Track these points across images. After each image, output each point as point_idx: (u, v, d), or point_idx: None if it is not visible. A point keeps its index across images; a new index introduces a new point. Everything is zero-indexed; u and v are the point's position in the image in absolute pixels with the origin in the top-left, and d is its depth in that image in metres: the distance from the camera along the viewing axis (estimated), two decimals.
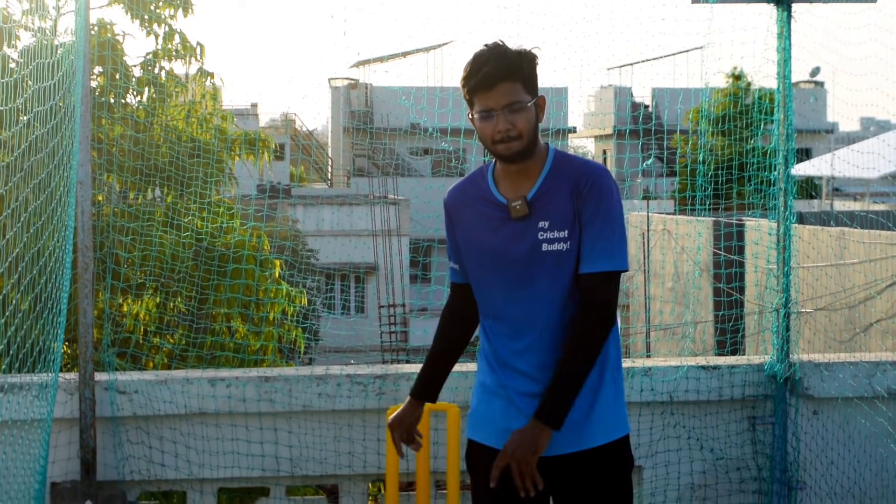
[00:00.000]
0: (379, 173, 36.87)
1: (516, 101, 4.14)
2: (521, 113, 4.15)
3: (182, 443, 6.53)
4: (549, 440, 4.15)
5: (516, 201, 4.25)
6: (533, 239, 4.23)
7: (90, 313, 6.38)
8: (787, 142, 6.93)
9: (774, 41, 6.99)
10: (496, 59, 4.13)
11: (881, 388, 6.75)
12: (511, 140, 4.16)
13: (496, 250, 4.30)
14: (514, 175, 4.29)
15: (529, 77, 4.19)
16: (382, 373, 6.67)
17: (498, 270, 4.31)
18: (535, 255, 4.24)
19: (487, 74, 4.12)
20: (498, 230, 4.30)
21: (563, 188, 4.24)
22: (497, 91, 4.13)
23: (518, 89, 4.15)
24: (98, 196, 9.88)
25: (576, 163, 4.31)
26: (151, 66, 11.63)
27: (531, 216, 4.24)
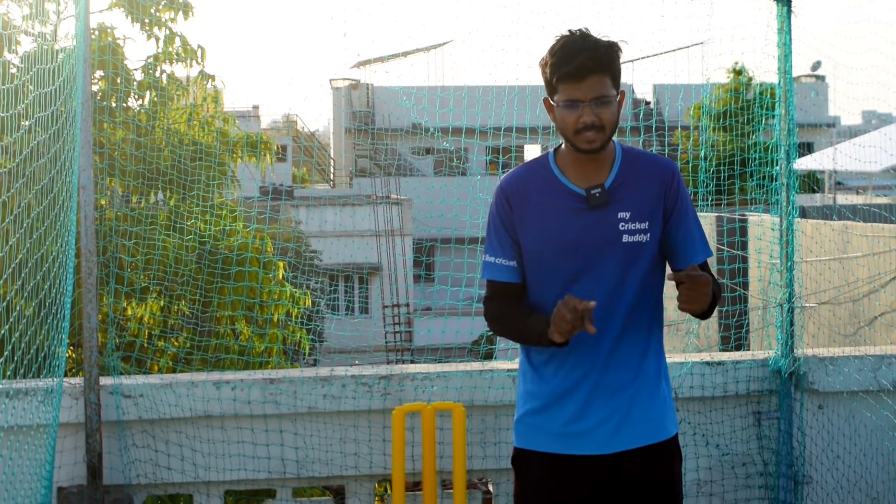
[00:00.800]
0: (381, 173, 36.88)
1: (605, 94, 4.07)
2: (607, 106, 4.08)
3: (188, 446, 6.53)
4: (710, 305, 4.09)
5: (595, 190, 4.17)
6: (612, 229, 4.17)
7: (94, 317, 6.38)
8: (789, 136, 6.93)
9: (775, 36, 6.99)
10: (590, 51, 4.05)
11: (886, 382, 6.75)
12: (595, 131, 4.07)
13: (570, 241, 4.18)
14: (586, 164, 4.21)
15: (617, 71, 4.14)
16: (387, 373, 6.67)
17: (569, 262, 4.19)
18: (612, 245, 4.17)
19: (581, 65, 4.04)
20: (570, 220, 4.19)
21: (646, 181, 4.21)
22: (587, 83, 4.05)
23: (607, 83, 4.08)
24: (101, 200, 9.89)
25: (649, 156, 4.30)
26: (152, 69, 11.63)
27: (609, 205, 4.17)
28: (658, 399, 4.28)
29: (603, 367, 4.22)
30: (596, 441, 4.23)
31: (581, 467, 4.24)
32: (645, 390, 4.25)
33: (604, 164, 4.21)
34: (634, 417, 4.23)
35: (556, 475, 4.27)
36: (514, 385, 6.61)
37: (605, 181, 4.19)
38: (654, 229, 4.19)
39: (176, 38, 11.78)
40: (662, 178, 4.23)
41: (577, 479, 4.25)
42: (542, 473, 4.30)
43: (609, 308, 4.17)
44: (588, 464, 4.23)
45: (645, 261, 4.21)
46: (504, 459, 6.66)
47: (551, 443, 4.27)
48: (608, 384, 4.22)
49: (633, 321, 4.22)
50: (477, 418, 6.63)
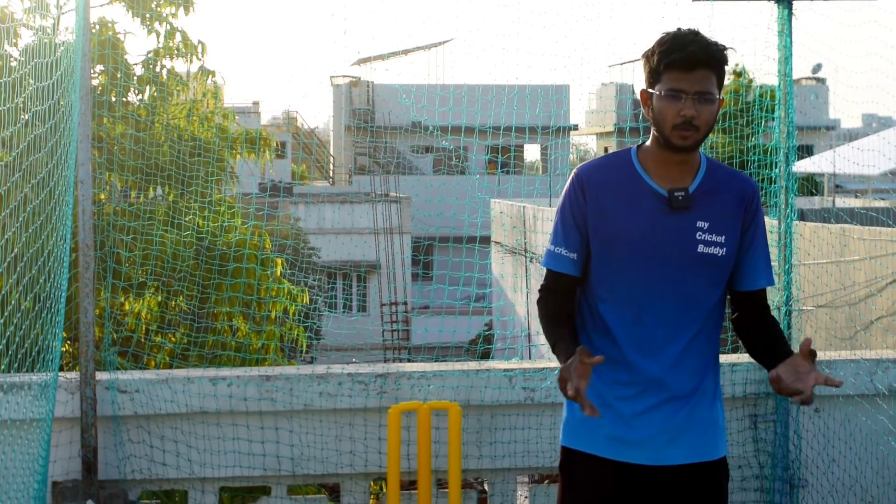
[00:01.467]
0: (380, 171, 36.88)
1: (710, 91, 3.93)
2: (709, 105, 3.93)
3: (183, 442, 6.52)
4: None
5: (679, 192, 4.02)
6: (690, 236, 4.03)
7: (91, 312, 6.37)
8: (788, 139, 6.93)
9: (775, 39, 6.98)
10: (703, 44, 3.93)
11: (882, 386, 6.74)
12: (691, 129, 3.92)
13: (646, 240, 4.03)
14: (671, 166, 4.05)
15: (723, 74, 4.00)
16: (384, 371, 6.66)
17: (642, 262, 4.04)
18: (687, 253, 4.04)
19: (693, 54, 3.91)
20: (649, 219, 4.04)
21: (728, 194, 4.08)
22: (694, 75, 3.91)
23: (713, 81, 3.94)
24: (100, 195, 9.88)
25: (732, 170, 4.17)
26: (153, 64, 11.61)
27: (690, 211, 4.03)
28: (713, 417, 4.17)
29: (665, 376, 4.07)
30: (649, 451, 4.09)
31: (631, 476, 4.11)
32: (703, 406, 4.13)
33: (689, 169, 4.07)
34: (691, 432, 4.11)
35: (605, 481, 4.13)
36: (511, 385, 6.61)
37: (690, 186, 4.05)
38: (729, 245, 4.06)
39: (176, 33, 11.76)
40: (743, 195, 4.10)
41: (626, 489, 4.12)
42: (589, 477, 4.16)
43: (677, 317, 4.06)
44: (639, 473, 4.11)
45: (717, 275, 4.08)
46: (499, 459, 6.66)
47: (603, 446, 4.13)
48: (669, 394, 4.08)
49: (699, 335, 4.10)
50: (473, 418, 6.63)
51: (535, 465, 6.76)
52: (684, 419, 4.09)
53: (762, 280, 4.14)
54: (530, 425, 6.67)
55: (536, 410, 6.66)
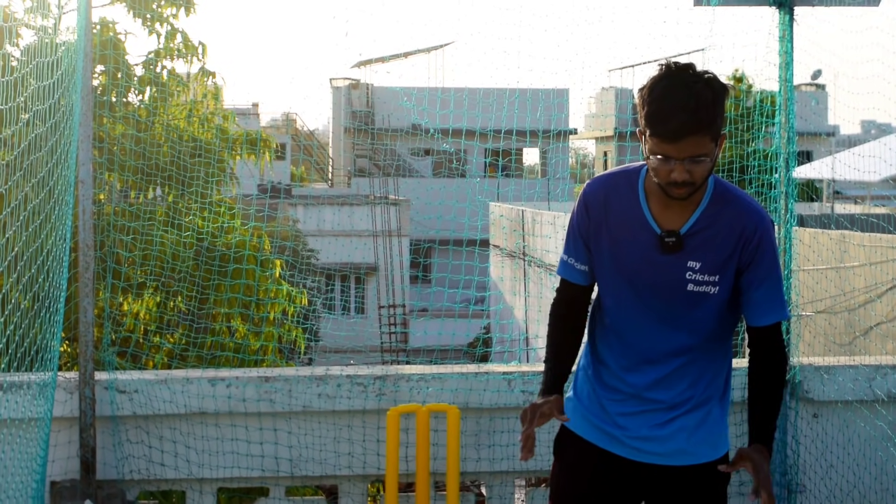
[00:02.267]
0: (380, 174, 36.87)
1: (700, 154, 3.82)
2: (701, 164, 3.85)
3: (182, 442, 6.52)
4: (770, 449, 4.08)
5: (670, 237, 4.03)
6: (679, 276, 4.05)
7: (90, 312, 6.37)
8: (788, 145, 6.93)
9: (776, 44, 6.98)
10: (690, 112, 3.78)
11: (881, 392, 6.74)
12: (685, 186, 3.88)
13: (636, 274, 4.10)
14: (671, 202, 4.02)
15: (718, 124, 3.87)
16: (382, 374, 6.66)
17: (632, 291, 4.12)
18: (677, 291, 4.06)
19: (678, 129, 3.79)
20: (641, 255, 4.08)
21: (724, 230, 4.03)
22: (683, 143, 3.81)
23: (705, 142, 3.82)
24: (100, 195, 9.88)
25: (739, 201, 4.07)
26: (153, 65, 11.62)
27: (682, 251, 4.03)
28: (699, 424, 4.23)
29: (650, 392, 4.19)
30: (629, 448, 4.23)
31: (613, 465, 4.25)
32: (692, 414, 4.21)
33: (688, 206, 4.04)
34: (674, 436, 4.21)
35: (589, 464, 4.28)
36: (509, 388, 6.62)
37: (683, 226, 4.03)
38: (724, 282, 4.05)
39: (177, 34, 11.77)
40: (742, 233, 4.04)
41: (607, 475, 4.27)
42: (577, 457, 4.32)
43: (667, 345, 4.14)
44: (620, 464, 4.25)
45: (709, 310, 4.10)
46: (498, 462, 6.66)
47: (591, 433, 4.28)
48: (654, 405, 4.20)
49: (694, 356, 4.16)
50: (471, 420, 6.63)
51: (534, 469, 6.76)
52: (666, 424, 4.20)
53: (766, 317, 4.11)
54: None
55: None
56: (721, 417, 4.29)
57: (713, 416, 4.25)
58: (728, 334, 4.24)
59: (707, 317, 4.10)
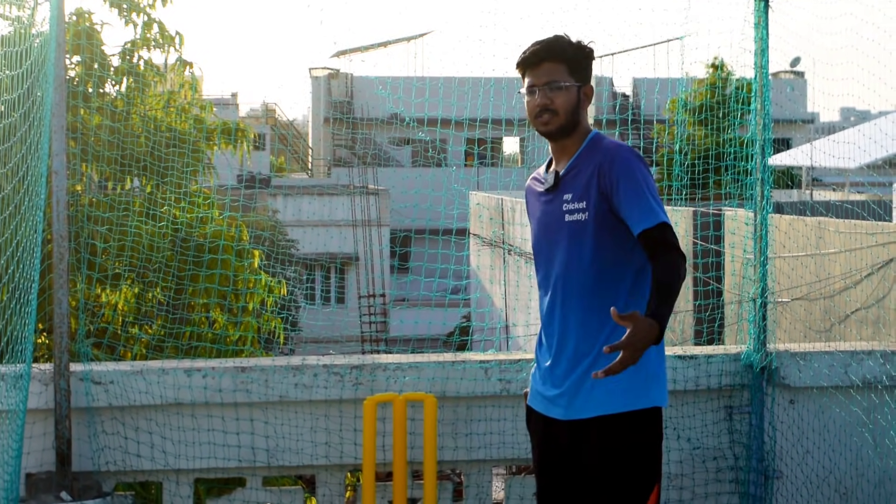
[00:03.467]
0: (358, 162, 36.84)
1: (556, 80, 4.51)
2: (559, 91, 4.51)
3: (158, 433, 6.51)
4: (656, 340, 4.13)
5: (550, 175, 4.64)
6: (559, 209, 4.57)
7: (65, 303, 6.35)
8: (764, 132, 6.93)
9: (751, 31, 6.99)
10: (546, 43, 4.55)
11: (856, 378, 6.76)
12: (548, 114, 4.52)
13: (536, 220, 4.73)
14: (557, 153, 4.64)
15: (576, 63, 4.57)
16: (359, 363, 6.66)
17: (539, 238, 4.70)
18: (559, 224, 4.56)
19: (533, 52, 4.53)
20: (538, 203, 4.72)
21: (588, 167, 4.52)
22: (540, 69, 4.52)
23: (561, 70, 4.53)
24: (76, 186, 9.84)
25: (606, 144, 4.58)
26: (130, 55, 11.56)
27: (558, 189, 4.59)
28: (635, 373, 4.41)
29: (565, 338, 4.56)
30: (560, 407, 4.56)
31: (554, 429, 4.60)
32: (603, 361, 4.35)
33: (568, 153, 4.62)
34: (587, 389, 4.47)
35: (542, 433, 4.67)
36: (486, 377, 6.62)
37: (563, 168, 4.61)
38: (591, 208, 4.48)
39: (154, 25, 11.70)
40: (600, 162, 4.49)
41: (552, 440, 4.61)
42: (532, 429, 4.75)
43: (566, 281, 4.56)
44: (557, 427, 4.58)
45: (589, 236, 4.50)
46: (475, 451, 6.66)
47: (536, 402, 4.70)
48: (570, 354, 4.54)
49: (594, 294, 4.51)
50: (449, 409, 6.63)
51: (511, 457, 6.77)
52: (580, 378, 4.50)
53: (640, 224, 4.39)
54: (506, 417, 6.67)
55: (512, 402, 6.66)
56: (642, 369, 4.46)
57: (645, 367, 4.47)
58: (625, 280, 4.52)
59: (591, 247, 4.49)
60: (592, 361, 4.46)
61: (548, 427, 4.63)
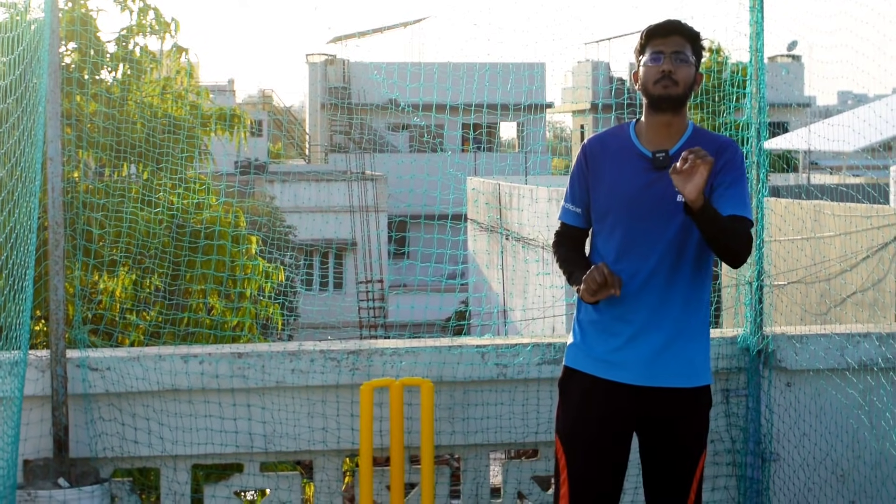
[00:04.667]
0: (355, 148, 36.82)
1: (684, 51, 4.75)
2: (685, 64, 4.73)
3: (155, 419, 6.51)
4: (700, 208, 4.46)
5: (660, 153, 4.75)
6: (669, 189, 4.63)
7: (62, 290, 6.34)
8: (760, 115, 6.93)
9: (747, 14, 6.97)
10: (677, 21, 4.80)
11: (853, 361, 6.77)
12: (670, 82, 4.71)
13: (632, 195, 4.76)
14: (659, 130, 4.81)
15: (698, 46, 4.82)
16: (356, 348, 6.66)
17: (632, 214, 4.76)
18: (668, 203, 4.69)
19: (668, 23, 4.78)
20: (635, 177, 4.78)
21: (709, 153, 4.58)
22: (670, 40, 4.74)
23: (687, 46, 4.77)
24: (73, 173, 9.83)
25: (715, 134, 4.88)
26: (125, 41, 11.55)
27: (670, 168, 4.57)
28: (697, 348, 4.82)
29: (649, 310, 4.76)
30: (632, 372, 4.78)
31: (617, 393, 4.80)
32: (685, 337, 4.78)
33: (674, 134, 4.80)
34: (668, 359, 4.77)
35: (594, 397, 4.83)
36: (483, 361, 6.63)
37: (672, 148, 4.76)
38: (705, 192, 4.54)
39: (150, 11, 11.69)
40: (718, 148, 4.75)
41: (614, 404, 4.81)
42: (581, 392, 4.86)
43: (677, 258, 4.75)
44: (622, 391, 4.79)
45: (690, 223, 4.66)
46: (472, 435, 6.67)
47: (593, 365, 4.83)
48: (651, 325, 4.76)
49: (685, 274, 4.76)
50: (445, 394, 6.63)
51: (508, 441, 6.78)
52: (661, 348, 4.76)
53: (735, 209, 4.68)
54: (503, 401, 6.68)
55: (509, 386, 6.67)
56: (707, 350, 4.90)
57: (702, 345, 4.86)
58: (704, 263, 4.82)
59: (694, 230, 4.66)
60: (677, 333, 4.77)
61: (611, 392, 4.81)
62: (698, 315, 4.84)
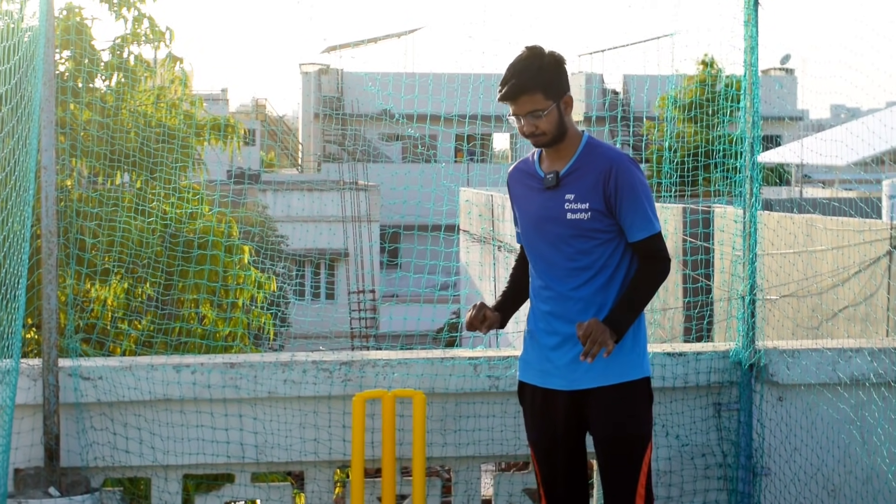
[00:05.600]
0: (347, 157, 36.82)
1: (535, 109, 5.03)
2: (541, 118, 5.04)
3: (146, 429, 6.50)
4: (619, 330, 5.01)
5: (549, 174, 5.16)
6: (560, 207, 5.12)
7: (54, 299, 6.33)
8: (753, 129, 6.94)
9: (741, 29, 6.99)
10: (518, 74, 5.01)
11: (844, 375, 6.78)
12: (538, 136, 5.09)
13: (531, 214, 5.23)
14: (552, 155, 5.20)
15: (550, 83, 5.04)
16: (348, 359, 6.65)
17: (536, 232, 5.22)
18: (559, 220, 5.13)
19: (510, 89, 5.02)
20: (534, 198, 5.22)
21: (591, 168, 5.11)
22: (519, 102, 5.03)
23: (538, 99, 5.01)
24: (66, 181, 9.83)
25: (603, 149, 5.18)
26: (120, 50, 11.55)
27: (559, 188, 5.14)
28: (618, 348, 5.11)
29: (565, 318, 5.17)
30: (560, 378, 5.20)
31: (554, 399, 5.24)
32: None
33: (566, 155, 5.19)
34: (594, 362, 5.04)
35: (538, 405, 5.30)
36: (475, 373, 6.63)
37: (562, 169, 5.16)
38: (595, 209, 5.09)
39: (144, 20, 11.70)
40: (603, 167, 5.09)
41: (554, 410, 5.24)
42: (531, 402, 5.35)
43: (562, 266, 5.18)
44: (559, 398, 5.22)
45: (588, 233, 5.12)
46: (464, 447, 6.66)
47: (533, 375, 5.31)
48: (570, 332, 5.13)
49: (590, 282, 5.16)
50: (437, 406, 6.63)
51: (500, 453, 6.77)
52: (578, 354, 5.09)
53: (637, 234, 5.12)
54: (494, 413, 6.67)
55: (501, 398, 6.66)
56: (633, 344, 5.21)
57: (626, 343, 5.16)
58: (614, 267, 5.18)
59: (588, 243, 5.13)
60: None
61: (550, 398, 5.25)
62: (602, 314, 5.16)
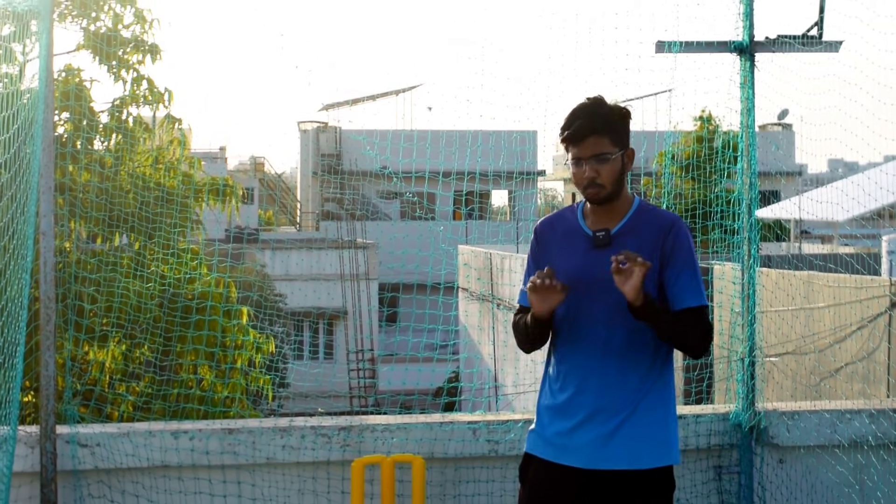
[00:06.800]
0: (346, 215, 36.85)
1: (601, 153, 4.62)
2: (605, 164, 4.63)
3: (145, 496, 6.46)
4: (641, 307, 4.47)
5: (600, 232, 4.72)
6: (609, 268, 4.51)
7: (52, 365, 6.32)
8: (751, 190, 6.95)
9: (738, 90, 7.02)
10: (588, 115, 4.64)
11: (843, 438, 6.75)
12: (597, 188, 4.64)
13: (574, 273, 4.68)
14: (601, 213, 4.75)
15: (618, 131, 4.67)
16: (347, 424, 6.63)
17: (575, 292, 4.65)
18: (608, 282, 4.52)
19: (578, 128, 4.63)
20: (578, 256, 4.72)
21: (647, 230, 4.70)
22: (585, 143, 4.62)
23: (605, 143, 4.63)
24: (65, 244, 9.82)
25: (658, 211, 4.80)
26: (119, 111, 11.59)
27: (612, 247, 4.65)
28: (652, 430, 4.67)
29: (599, 391, 4.67)
30: (581, 455, 4.67)
31: (567, 477, 4.70)
32: (639, 418, 4.66)
33: (616, 214, 4.75)
34: (618, 442, 4.64)
35: (547, 481, 4.76)
36: (475, 437, 6.60)
37: (613, 227, 4.73)
38: (649, 273, 4.51)
39: (143, 81, 11.75)
40: (662, 227, 4.71)
41: (563, 489, 4.72)
42: (535, 477, 4.80)
43: (608, 336, 4.67)
44: (573, 475, 4.68)
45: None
46: None
47: (547, 450, 4.76)
48: (602, 407, 4.66)
49: (631, 351, 4.68)
50: (437, 471, 6.60)
51: None
52: (614, 430, 4.66)
53: (685, 302, 4.67)
54: (494, 478, 6.64)
55: (500, 463, 6.64)
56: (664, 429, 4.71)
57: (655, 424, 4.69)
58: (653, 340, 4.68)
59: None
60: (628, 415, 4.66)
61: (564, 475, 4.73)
62: (656, 394, 4.72)
